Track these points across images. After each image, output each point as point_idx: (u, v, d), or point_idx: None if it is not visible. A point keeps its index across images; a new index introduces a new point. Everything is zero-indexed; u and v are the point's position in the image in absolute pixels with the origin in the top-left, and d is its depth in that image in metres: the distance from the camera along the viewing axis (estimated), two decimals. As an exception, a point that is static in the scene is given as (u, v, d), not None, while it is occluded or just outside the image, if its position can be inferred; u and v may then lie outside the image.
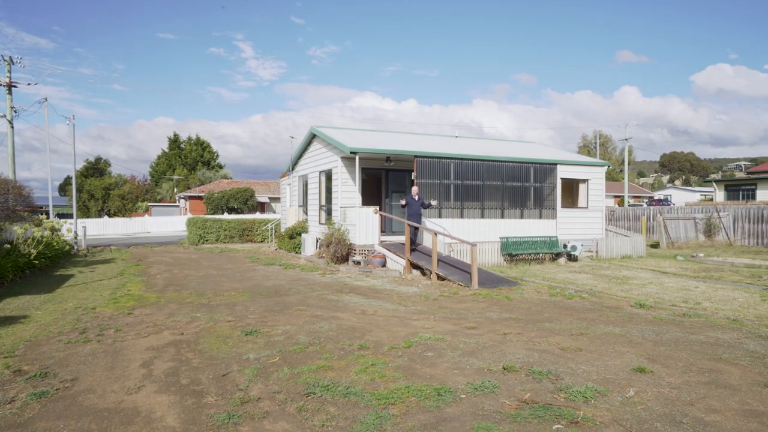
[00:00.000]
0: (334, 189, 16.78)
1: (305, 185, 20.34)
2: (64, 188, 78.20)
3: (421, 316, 8.34)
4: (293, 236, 19.52)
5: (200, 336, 7.06)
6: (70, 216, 29.95)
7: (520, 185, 17.27)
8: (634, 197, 62.44)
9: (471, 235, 15.87)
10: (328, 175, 17.45)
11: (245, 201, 44.44)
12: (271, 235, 25.31)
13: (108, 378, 5.36)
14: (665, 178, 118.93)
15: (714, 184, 33.83)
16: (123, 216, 47.40)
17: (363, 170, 16.66)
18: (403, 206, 14.32)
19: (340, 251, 15.13)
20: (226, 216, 29.08)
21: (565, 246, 15.79)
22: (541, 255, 15.72)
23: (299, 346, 6.48)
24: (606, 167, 18.82)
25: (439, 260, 12.85)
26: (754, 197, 29.95)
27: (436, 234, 12.35)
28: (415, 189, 14.38)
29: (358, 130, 20.87)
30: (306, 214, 20.26)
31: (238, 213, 42.53)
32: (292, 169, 21.82)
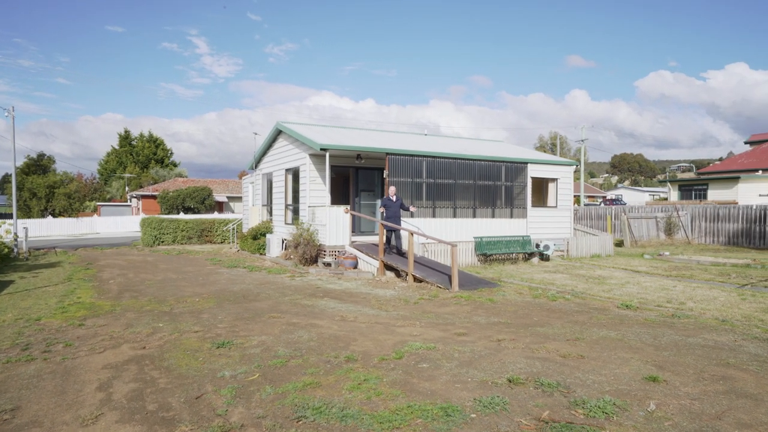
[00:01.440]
0: (301, 187, 16.07)
1: (270, 184, 19.49)
2: (2, 186, 73.45)
3: (406, 321, 7.84)
4: (257, 237, 18.65)
5: (165, 350, 6.30)
6: (9, 216, 27.82)
7: (491, 184, 17.06)
8: (589, 197, 64.21)
9: (443, 235, 15.51)
10: (296, 173, 16.71)
11: (202, 200, 42.78)
12: (232, 236, 24.24)
13: (58, 406, 4.59)
14: (614, 179, 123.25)
15: (668, 184, 35.00)
16: (69, 216, 44.71)
17: (331, 168, 16.01)
18: (382, 212, 13.42)
19: (309, 252, 14.45)
20: (183, 216, 27.71)
21: (537, 245, 15.67)
22: (514, 255, 15.55)
23: (279, 359, 5.85)
24: (574, 166, 18.90)
25: (414, 261, 12.40)
26: (705, 197, 31.12)
27: (412, 234, 11.89)
28: (392, 189, 13.72)
29: (326, 126, 20.18)
30: (270, 213, 19.41)
31: (194, 213, 40.86)
32: (256, 166, 20.90)
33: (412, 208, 13.83)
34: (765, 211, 20.86)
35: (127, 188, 59.83)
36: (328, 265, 14.02)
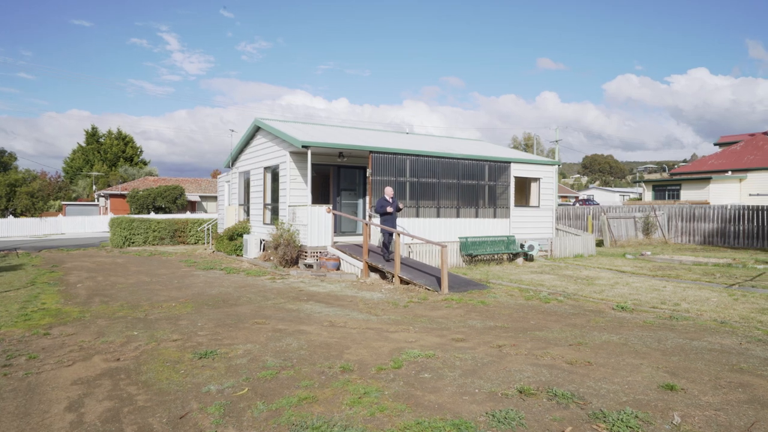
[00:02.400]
0: (281, 186, 15.53)
1: (247, 182, 18.86)
2: (-40, 185, 70.08)
3: (399, 327, 7.46)
4: (233, 237, 18.01)
5: (142, 362, 5.77)
6: (-32, 216, 26.37)
7: (475, 183, 16.84)
8: (562, 197, 65.06)
9: (427, 235, 15.19)
10: (275, 172, 16.15)
11: (174, 200, 41.55)
12: (207, 237, 23.46)
13: (21, 431, 4.05)
14: (584, 179, 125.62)
15: (643, 184, 35.56)
16: (32, 216, 42.85)
17: (312, 166, 15.52)
18: (382, 215, 12.54)
19: (289, 254, 13.94)
20: (154, 216, 26.73)
21: (522, 246, 15.50)
22: (498, 255, 15.34)
23: (269, 371, 5.40)
24: (557, 166, 18.85)
25: (394, 261, 12.04)
26: (678, 197, 31.70)
27: (399, 234, 11.52)
28: (389, 190, 12.83)
29: (306, 123, 19.66)
30: (248, 213, 18.78)
31: (166, 212, 39.64)
32: (232, 165, 20.22)
33: (400, 204, 13.31)
34: (740, 211, 21.26)
35: (94, 187, 57.81)
36: (310, 266, 13.54)
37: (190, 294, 10.37)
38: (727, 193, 30.86)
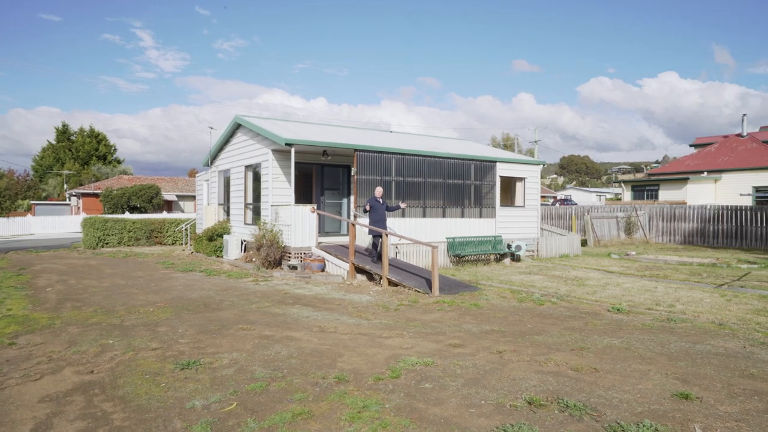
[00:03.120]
0: (263, 185, 15.05)
1: (227, 181, 18.30)
2: None
3: (392, 332, 7.13)
4: (213, 238, 17.44)
5: (119, 374, 5.32)
6: (-71, 216, 25.13)
7: (461, 183, 16.62)
8: (541, 197, 65.61)
9: (413, 235, 14.89)
10: (257, 170, 15.66)
11: (150, 199, 40.46)
12: (185, 237, 22.77)
13: (-19, 458, 3.60)
14: (560, 180, 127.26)
15: (622, 184, 35.96)
16: (0, 216, 41.25)
17: (294, 165, 15.09)
18: (366, 212, 12.44)
19: (272, 255, 13.49)
20: (130, 215, 25.86)
21: (509, 246, 15.34)
22: (485, 256, 15.15)
23: (258, 382, 5.02)
24: (542, 165, 18.77)
25: (383, 263, 11.74)
26: (657, 197, 32.12)
27: (387, 235, 11.20)
28: (379, 190, 12.56)
29: (288, 121, 19.19)
30: (228, 213, 18.23)
31: (141, 212, 38.56)
32: (211, 163, 19.61)
33: (402, 204, 12.95)
34: (718, 211, 21.54)
35: (65, 186, 56.04)
36: (294, 268, 13.11)
37: (169, 298, 9.87)
38: (703, 194, 31.39)
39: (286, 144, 13.29)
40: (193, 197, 48.34)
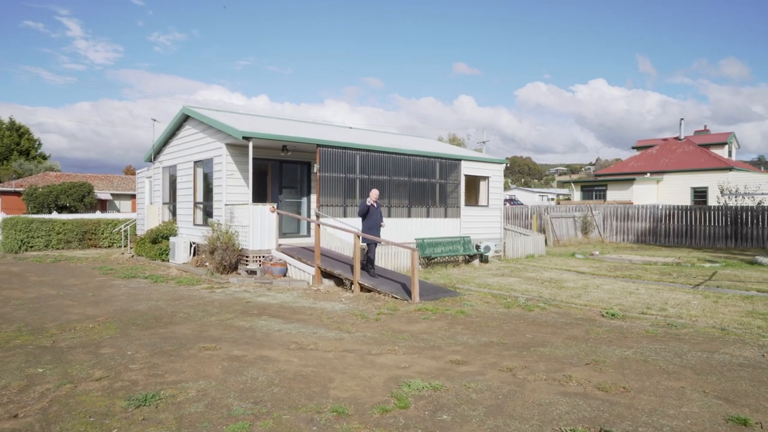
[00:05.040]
0: (216, 183, 13.77)
1: (173, 178, 16.77)
2: None
3: (382, 347, 6.29)
4: (157, 240, 15.89)
5: (53, 417, 4.18)
6: None
7: (426, 181, 15.99)
8: (489, 197, 66.53)
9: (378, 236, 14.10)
10: (208, 166, 14.33)
11: (81, 198, 37.37)
12: (125, 239, 20.87)
13: None
14: (505, 180, 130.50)
15: (572, 184, 36.77)
16: None
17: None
18: (363, 217, 10.81)
19: (228, 258, 12.29)
20: (59, 216, 23.47)
21: (477, 247, 14.85)
22: (454, 257, 14.58)
23: (239, 422, 4.05)
24: (504, 164, 18.48)
25: (352, 266, 10.88)
26: (605, 197, 33.01)
27: (359, 236, 10.33)
28: (375, 193, 10.93)
29: (241, 114, 17.87)
30: (174, 213, 16.71)
31: (71, 212, 35.49)
32: (154, 158, 17.97)
33: (382, 221, 11.21)
34: (670, 210, 22.15)
35: (-18, 183, 51.04)
36: (253, 272, 11.97)
37: (111, 310, 8.55)
38: (647, 194, 32.54)
39: (244, 138, 12.13)
40: (131, 196, 45.30)
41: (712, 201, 29.52)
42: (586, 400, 4.52)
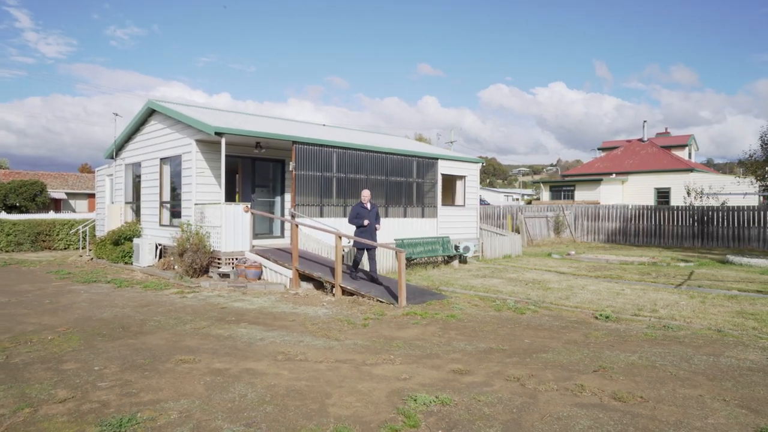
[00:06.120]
0: (185, 181, 13.02)
1: (137, 176, 15.86)
2: None
3: (377, 356, 5.88)
4: (120, 242, 14.97)
5: (12, 451, 3.59)
6: None
7: (403, 180, 15.64)
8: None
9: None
10: (176, 164, 13.56)
11: (33, 197, 35.38)
12: (83, 241, 19.69)
13: None
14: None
15: (541, 185, 37.21)
16: None
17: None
18: (359, 226, 10.21)
19: (199, 261, 11.61)
20: (8, 216, 21.98)
21: (456, 247, 14.59)
22: (433, 258, 14.28)
23: (232, 450, 3.56)
24: (481, 164, 18.34)
25: (332, 268, 10.44)
26: (573, 197, 33.51)
27: (340, 237, 9.87)
28: (366, 193, 10.38)
29: (211, 109, 17.08)
30: (138, 213, 15.80)
31: (21, 212, 33.51)
32: (116, 155, 16.97)
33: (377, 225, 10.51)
34: (639, 210, 22.54)
35: (-76, 181, 47.79)
36: (226, 276, 11.34)
37: (73, 319, 7.82)
38: (613, 194, 33.21)
39: (217, 133, 11.47)
40: (88, 195, 43.28)
41: (675, 201, 30.36)
42: (605, 413, 4.24)
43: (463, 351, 6.11)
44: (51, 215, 24.56)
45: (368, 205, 10.32)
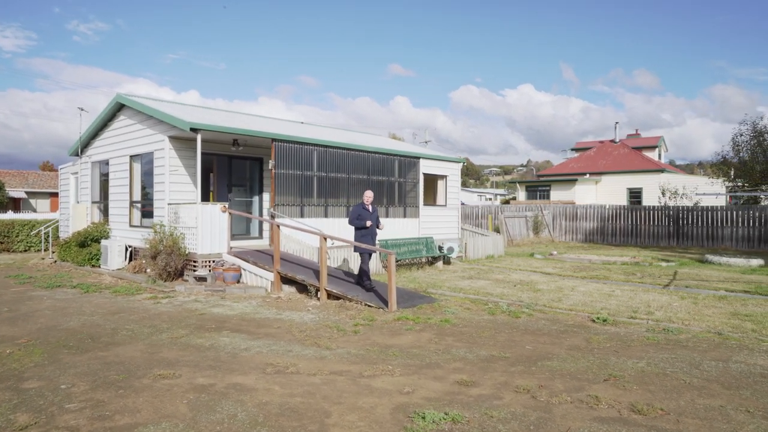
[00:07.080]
0: (157, 180, 12.35)
1: (105, 175, 15.04)
2: None
3: (373, 367, 5.48)
4: (86, 244, 14.15)
5: (-36, 494, 3.06)
6: None
7: (385, 180, 15.27)
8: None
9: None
10: (148, 161, 12.86)
11: (-9, 196, 33.71)
12: (45, 243, 18.66)
13: None
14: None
15: (517, 185, 37.41)
16: None
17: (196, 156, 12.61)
18: (359, 228, 9.55)
19: (173, 264, 10.98)
20: (-37, 216, 20.69)
21: (440, 248, 14.30)
22: (417, 259, 13.95)
23: (226, 485, 3.12)
24: (462, 163, 18.12)
25: (315, 270, 10.00)
26: (549, 197, 33.77)
27: (325, 238, 9.43)
28: (369, 194, 9.73)
29: (184, 104, 16.35)
30: (106, 213, 14.99)
31: (-20, 212, 31.86)
32: (81, 152, 16.08)
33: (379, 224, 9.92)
34: (617, 210, 22.74)
35: None
36: (203, 279, 10.74)
37: (35, 329, 7.17)
38: (588, 194, 33.61)
39: (192, 129, 10.88)
40: (50, 194, 41.53)
41: (647, 201, 30.88)
42: (628, 428, 3.95)
43: (463, 359, 5.78)
44: (10, 215, 23.30)
45: (370, 207, 9.76)
